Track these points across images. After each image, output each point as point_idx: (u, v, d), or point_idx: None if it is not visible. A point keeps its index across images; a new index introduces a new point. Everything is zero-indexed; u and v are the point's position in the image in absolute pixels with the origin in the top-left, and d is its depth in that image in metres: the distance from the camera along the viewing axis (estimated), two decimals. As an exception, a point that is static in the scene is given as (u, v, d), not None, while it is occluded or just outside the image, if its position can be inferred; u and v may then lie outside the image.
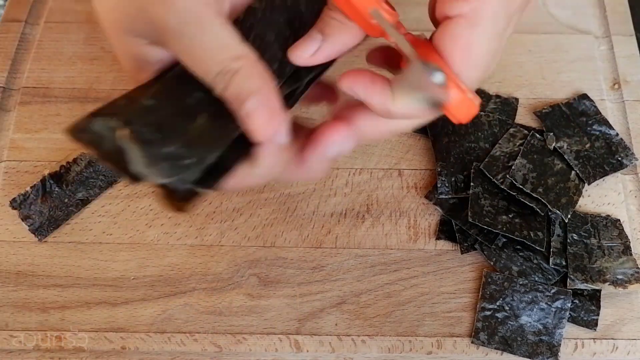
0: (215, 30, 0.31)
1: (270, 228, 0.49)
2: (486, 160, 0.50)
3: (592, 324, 0.46)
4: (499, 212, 0.48)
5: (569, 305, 0.46)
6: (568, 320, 0.46)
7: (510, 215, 0.48)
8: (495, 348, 0.45)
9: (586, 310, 0.46)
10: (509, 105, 0.54)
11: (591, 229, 0.49)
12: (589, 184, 0.50)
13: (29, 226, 0.48)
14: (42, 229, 0.48)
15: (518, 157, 0.50)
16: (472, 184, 0.49)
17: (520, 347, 0.45)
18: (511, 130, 0.52)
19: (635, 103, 0.55)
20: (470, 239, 0.48)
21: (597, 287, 0.46)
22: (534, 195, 0.48)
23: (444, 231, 0.49)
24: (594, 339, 0.46)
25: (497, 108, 0.54)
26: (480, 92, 0.55)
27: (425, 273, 0.48)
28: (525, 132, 0.52)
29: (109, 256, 0.48)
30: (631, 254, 0.48)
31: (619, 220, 0.49)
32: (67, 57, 0.57)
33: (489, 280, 0.47)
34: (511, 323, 0.45)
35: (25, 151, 0.52)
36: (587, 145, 0.52)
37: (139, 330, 0.46)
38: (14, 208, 0.49)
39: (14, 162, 0.52)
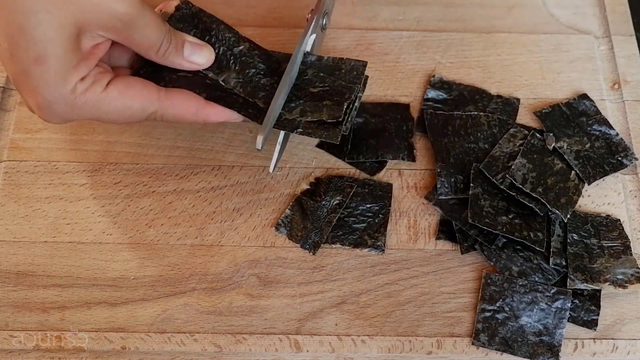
0: (153, 15, 0.42)
1: (270, 228, 0.49)
2: (486, 160, 0.50)
3: (592, 324, 0.46)
4: (499, 213, 0.48)
5: (569, 305, 0.46)
6: (568, 320, 0.46)
7: (510, 216, 0.48)
8: (496, 349, 0.45)
9: (586, 310, 0.46)
10: (510, 105, 0.54)
11: (591, 229, 0.49)
12: (589, 184, 0.50)
13: (301, 245, 0.48)
14: (312, 242, 0.48)
15: (518, 157, 0.50)
16: (471, 184, 0.49)
17: (520, 347, 0.45)
18: (511, 130, 0.52)
19: (635, 103, 0.55)
20: (470, 239, 0.48)
21: (597, 287, 0.46)
22: (534, 195, 0.48)
23: (444, 231, 0.49)
24: (594, 339, 0.46)
25: (498, 108, 0.54)
26: (481, 92, 0.55)
27: (425, 273, 0.48)
28: (526, 132, 0.52)
29: (109, 256, 0.48)
30: (631, 254, 0.48)
31: (619, 220, 0.49)
32: (67, 57, 0.57)
33: (489, 281, 0.47)
34: (511, 324, 0.45)
35: (25, 151, 0.52)
36: (587, 145, 0.52)
37: (139, 330, 0.46)
38: (280, 232, 0.49)
39: (14, 162, 0.52)
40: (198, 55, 0.45)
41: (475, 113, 0.53)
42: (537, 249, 0.47)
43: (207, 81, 0.45)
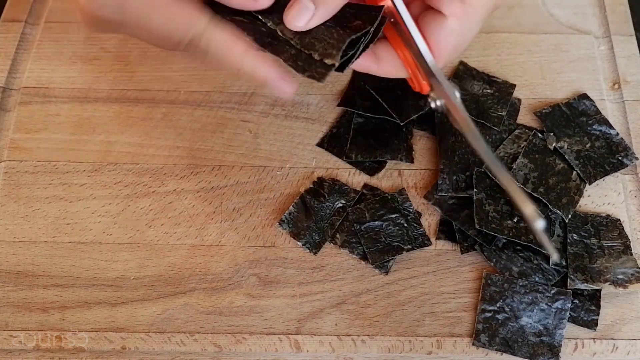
0: None
1: (270, 228, 0.49)
2: (489, 160, 0.50)
3: (592, 324, 0.46)
4: (504, 217, 0.48)
5: (569, 305, 0.46)
6: (568, 321, 0.46)
7: (515, 220, 0.48)
8: (497, 350, 0.45)
9: (586, 310, 0.46)
10: (511, 106, 0.54)
11: (591, 229, 0.49)
12: (589, 184, 0.50)
13: (302, 244, 0.48)
14: (314, 242, 0.48)
15: (520, 157, 0.50)
16: (475, 190, 0.49)
17: (521, 348, 0.45)
18: (517, 131, 0.52)
19: (635, 103, 0.55)
20: (470, 239, 0.48)
21: (597, 287, 0.46)
22: (535, 195, 0.48)
23: (444, 231, 0.49)
24: (594, 339, 0.46)
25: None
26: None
27: (425, 273, 0.48)
28: (531, 133, 0.52)
29: (109, 256, 0.48)
30: (631, 254, 0.48)
31: (619, 220, 0.49)
32: (67, 57, 0.57)
33: (489, 281, 0.47)
34: (512, 324, 0.45)
35: (25, 151, 0.52)
36: (588, 145, 0.52)
37: (139, 330, 0.46)
38: (283, 228, 0.49)
39: (14, 162, 0.52)
40: None
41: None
42: (544, 251, 0.47)
43: (262, 29, 0.41)
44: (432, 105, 0.42)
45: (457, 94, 0.41)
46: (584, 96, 0.55)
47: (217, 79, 0.56)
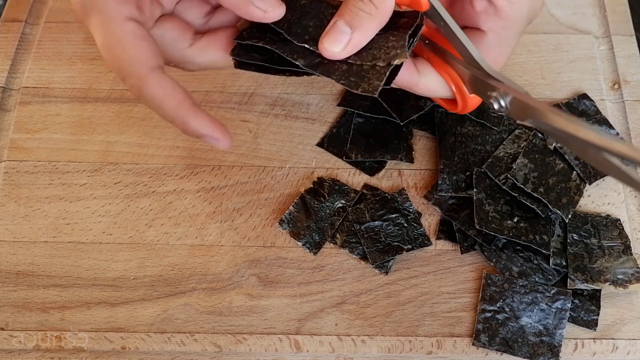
0: None
1: (270, 228, 0.49)
2: (489, 160, 0.50)
3: (592, 324, 0.46)
4: (504, 217, 0.48)
5: (569, 305, 0.46)
6: (568, 321, 0.46)
7: (515, 220, 0.48)
8: (497, 349, 0.45)
9: (586, 310, 0.46)
10: (510, 106, 0.54)
11: (591, 229, 0.49)
12: (589, 184, 0.50)
13: (302, 244, 0.48)
14: (314, 242, 0.48)
15: (519, 157, 0.50)
16: (475, 190, 0.49)
17: (521, 348, 0.45)
18: (517, 131, 0.52)
19: (635, 103, 0.55)
20: (470, 239, 0.48)
21: (597, 287, 0.46)
22: (535, 195, 0.48)
23: (444, 231, 0.49)
24: (594, 339, 0.46)
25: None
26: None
27: (425, 273, 0.48)
28: (531, 133, 0.52)
29: (109, 256, 0.48)
30: (631, 254, 0.48)
31: (619, 220, 0.49)
32: (67, 57, 0.57)
33: (489, 281, 0.47)
34: (512, 324, 0.45)
35: (25, 151, 0.52)
36: (587, 145, 0.52)
37: (139, 330, 0.46)
38: (283, 228, 0.49)
39: (14, 162, 0.52)
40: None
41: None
42: (544, 252, 0.47)
43: (310, 50, 0.40)
44: (496, 106, 0.40)
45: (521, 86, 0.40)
46: (584, 96, 0.55)
47: (217, 78, 0.56)
